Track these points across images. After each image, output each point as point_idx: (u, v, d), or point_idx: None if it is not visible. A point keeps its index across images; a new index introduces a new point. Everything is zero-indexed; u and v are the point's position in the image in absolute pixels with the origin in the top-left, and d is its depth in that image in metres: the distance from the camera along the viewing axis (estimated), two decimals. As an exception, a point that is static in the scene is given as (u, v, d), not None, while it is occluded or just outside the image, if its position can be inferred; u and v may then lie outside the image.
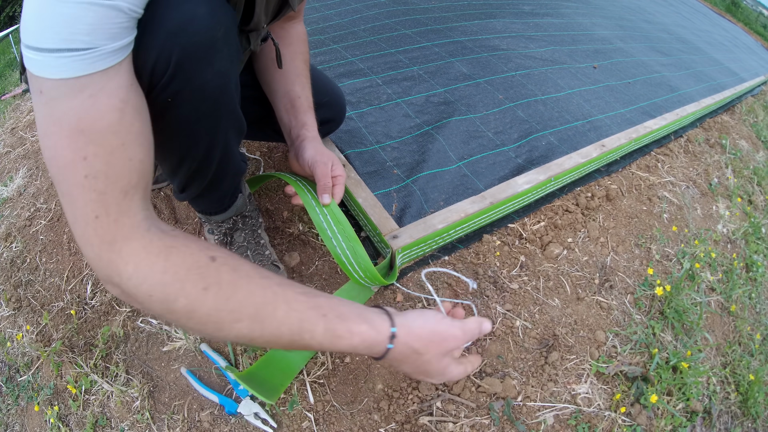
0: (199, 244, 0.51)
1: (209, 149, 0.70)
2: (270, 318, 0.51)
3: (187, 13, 0.52)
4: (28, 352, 1.05)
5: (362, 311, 0.59)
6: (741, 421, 1.09)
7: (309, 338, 0.54)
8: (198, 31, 0.53)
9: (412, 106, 1.45)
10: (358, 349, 0.58)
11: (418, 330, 0.61)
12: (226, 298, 0.49)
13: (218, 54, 0.57)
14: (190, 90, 0.57)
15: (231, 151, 0.77)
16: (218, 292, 0.49)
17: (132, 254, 0.47)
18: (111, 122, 0.45)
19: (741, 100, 2.58)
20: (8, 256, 1.23)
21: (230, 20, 0.58)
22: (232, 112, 0.69)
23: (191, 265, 0.49)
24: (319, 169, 0.85)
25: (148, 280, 0.47)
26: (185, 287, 0.48)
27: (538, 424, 0.86)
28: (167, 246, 0.49)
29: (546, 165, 1.29)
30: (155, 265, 0.47)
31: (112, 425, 0.90)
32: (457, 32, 1.97)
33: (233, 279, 0.50)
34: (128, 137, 0.46)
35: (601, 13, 2.82)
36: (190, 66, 0.54)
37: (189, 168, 0.73)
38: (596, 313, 1.06)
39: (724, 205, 1.64)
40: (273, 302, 0.52)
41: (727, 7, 7.44)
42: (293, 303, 0.53)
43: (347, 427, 0.83)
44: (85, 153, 0.44)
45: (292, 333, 0.53)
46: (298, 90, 0.90)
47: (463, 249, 1.12)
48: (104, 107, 0.44)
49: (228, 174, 0.82)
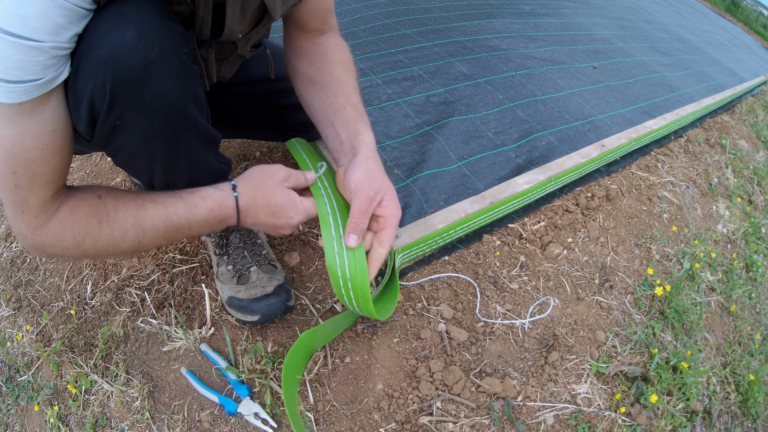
0: (89, 191, 0.65)
1: (173, 163, 0.70)
2: (144, 218, 0.66)
3: (116, 39, 0.54)
4: (28, 352, 1.05)
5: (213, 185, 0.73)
6: (741, 421, 1.09)
7: (176, 219, 0.67)
8: (128, 57, 0.55)
9: (412, 106, 1.45)
10: (215, 210, 0.70)
11: (250, 174, 0.76)
12: (113, 221, 0.64)
13: (154, 75, 0.58)
14: (132, 113, 0.59)
15: (201, 161, 0.75)
16: (107, 220, 0.64)
17: (52, 231, 0.62)
18: (34, 157, 0.56)
19: (741, 100, 2.59)
20: (8, 256, 1.23)
21: (166, 39, 0.58)
22: (191, 125, 0.68)
23: (87, 211, 0.63)
24: (358, 201, 0.73)
25: (65, 238, 0.63)
26: (87, 229, 0.63)
27: (538, 424, 0.86)
28: (71, 208, 0.62)
29: (546, 165, 1.29)
30: (66, 228, 0.62)
31: (112, 425, 0.90)
32: (457, 32, 1.97)
33: (115, 204, 0.65)
34: (46, 168, 0.58)
35: (601, 13, 2.82)
36: (125, 91, 0.56)
37: (160, 182, 0.73)
38: (596, 313, 1.06)
39: (724, 205, 1.64)
40: (143, 205, 0.66)
41: (727, 7, 7.44)
42: (157, 199, 0.67)
43: (347, 426, 0.83)
44: (15, 170, 0.56)
45: (164, 221, 0.67)
46: (342, 101, 0.82)
47: (463, 249, 1.12)
48: (30, 145, 0.55)
49: (204, 182, 0.77)
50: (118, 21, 0.54)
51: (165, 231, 0.68)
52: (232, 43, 0.80)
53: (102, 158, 1.40)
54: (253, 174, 0.76)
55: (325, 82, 0.84)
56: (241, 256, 0.96)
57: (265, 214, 0.74)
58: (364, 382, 0.88)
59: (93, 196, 0.65)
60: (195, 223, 0.69)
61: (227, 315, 0.97)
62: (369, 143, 0.79)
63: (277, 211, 0.75)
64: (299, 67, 0.87)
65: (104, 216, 0.64)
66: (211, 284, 1.02)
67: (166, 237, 0.69)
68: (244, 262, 0.95)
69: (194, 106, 0.67)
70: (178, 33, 0.61)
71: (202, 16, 0.67)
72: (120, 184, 1.29)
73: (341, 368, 0.90)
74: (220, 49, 0.80)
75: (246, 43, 0.84)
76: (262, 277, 0.93)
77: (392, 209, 0.76)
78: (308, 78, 0.86)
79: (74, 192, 0.65)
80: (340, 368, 0.90)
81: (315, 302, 1.00)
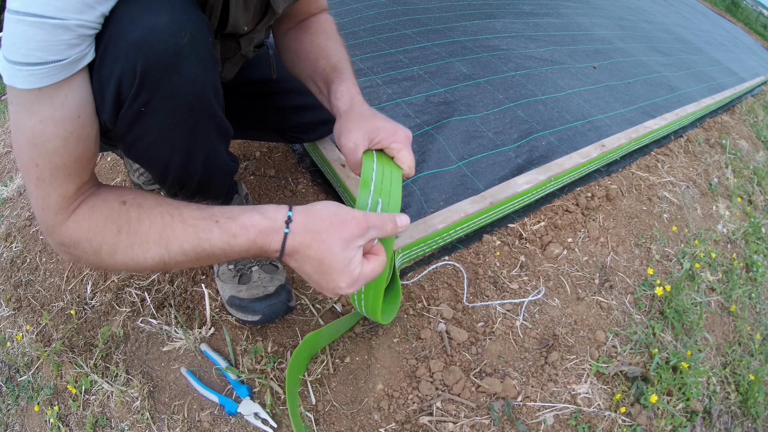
0: (114, 193, 0.60)
1: (191, 155, 0.70)
2: (172, 238, 0.57)
3: (149, 22, 0.53)
4: (28, 352, 1.05)
5: (257, 207, 0.60)
6: (741, 421, 1.09)
7: (209, 247, 0.57)
8: (161, 40, 0.54)
9: (412, 106, 1.45)
10: (257, 242, 0.58)
11: (316, 212, 0.59)
12: (134, 233, 0.57)
13: (185, 60, 0.57)
14: (160, 98, 0.58)
15: (215, 155, 0.76)
16: (128, 230, 0.57)
17: (69, 231, 0.58)
18: (56, 147, 0.53)
19: (741, 100, 2.59)
20: (8, 256, 1.23)
21: (196, 25, 0.58)
22: (212, 116, 0.68)
23: (107, 215, 0.57)
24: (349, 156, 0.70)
25: (82, 242, 0.57)
26: (105, 235, 0.57)
27: (538, 424, 0.86)
28: (90, 208, 0.58)
29: (546, 165, 1.29)
30: (82, 230, 0.57)
31: (112, 425, 0.90)
32: (457, 32, 1.97)
33: (138, 215, 0.57)
34: (69, 160, 0.55)
35: (601, 13, 2.82)
36: (156, 75, 0.55)
37: (174, 174, 0.73)
38: (596, 313, 1.07)
39: (724, 205, 1.64)
40: (171, 224, 0.57)
41: (727, 7, 7.43)
42: (188, 219, 0.58)
43: (347, 426, 0.83)
44: (36, 161, 0.54)
45: (193, 246, 0.57)
46: (323, 63, 0.82)
47: (463, 249, 1.12)
48: (51, 134, 0.52)
49: (216, 177, 0.81)
50: (149, 6, 0.54)
51: (195, 257, 0.58)
52: (236, 43, 0.81)
53: (102, 158, 1.40)
54: (320, 214, 0.59)
55: (308, 51, 0.85)
56: None
57: (311, 268, 0.59)
58: (364, 382, 0.88)
59: (116, 200, 0.59)
60: (233, 253, 0.59)
61: (227, 315, 0.97)
62: (345, 94, 0.76)
63: (326, 272, 0.59)
64: (284, 44, 0.89)
65: (124, 224, 0.57)
66: (211, 284, 1.02)
67: (197, 262, 0.59)
68: (245, 262, 0.95)
69: (214, 97, 0.66)
70: (205, 21, 0.61)
71: (212, 5, 0.67)
72: (120, 184, 1.29)
73: (341, 368, 0.90)
74: (224, 48, 0.81)
75: (249, 43, 0.84)
76: (263, 276, 0.93)
77: (391, 132, 0.70)
78: (294, 52, 0.88)
79: (98, 191, 0.60)
80: (341, 368, 0.90)
81: (315, 302, 1.00)
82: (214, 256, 0.58)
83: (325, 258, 0.58)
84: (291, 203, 0.61)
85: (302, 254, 0.58)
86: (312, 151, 1.26)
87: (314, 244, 0.58)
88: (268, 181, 1.24)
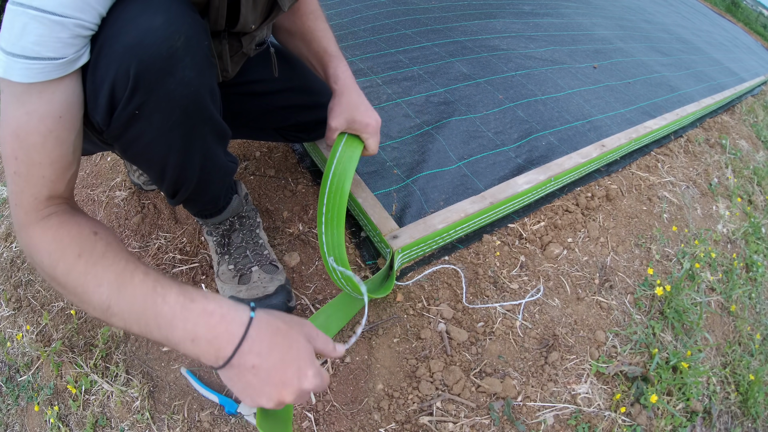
0: (88, 222, 0.59)
1: (187, 156, 0.70)
2: (127, 284, 0.53)
3: (143, 25, 0.53)
4: (28, 352, 1.05)
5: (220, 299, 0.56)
6: (741, 421, 1.09)
7: (161, 302, 0.52)
8: (155, 43, 0.54)
9: (412, 106, 1.45)
10: (214, 316, 0.52)
11: (276, 312, 0.59)
12: (93, 263, 0.54)
13: (180, 63, 0.57)
14: (155, 101, 0.58)
15: (213, 156, 0.76)
16: (88, 259, 0.54)
17: (33, 236, 0.57)
18: (35, 142, 0.54)
19: (741, 100, 2.59)
20: (8, 256, 1.23)
21: (192, 28, 0.58)
22: (208, 119, 0.68)
23: (74, 236, 0.56)
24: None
25: (41, 251, 0.55)
26: (65, 253, 0.55)
27: (538, 424, 0.86)
28: (60, 222, 0.57)
29: (546, 165, 1.29)
30: (45, 240, 0.56)
31: (112, 425, 0.90)
32: (457, 32, 1.97)
33: (105, 251, 0.55)
34: (45, 160, 0.55)
35: (601, 13, 2.82)
36: (150, 77, 0.55)
37: (171, 176, 0.73)
38: (596, 313, 1.07)
39: (724, 205, 1.64)
40: (133, 270, 0.54)
41: (727, 7, 7.43)
42: (151, 272, 0.55)
43: (347, 427, 0.83)
44: (17, 154, 0.54)
45: (144, 297, 0.52)
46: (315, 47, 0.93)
47: (463, 249, 1.12)
48: (33, 128, 0.53)
49: (214, 178, 0.81)
50: (145, 8, 0.54)
51: (141, 309, 0.52)
52: (238, 41, 0.81)
53: (102, 158, 1.40)
54: (279, 314, 0.59)
55: (301, 33, 0.95)
56: (242, 255, 0.96)
57: (276, 357, 0.54)
58: (364, 382, 0.88)
59: (89, 228, 0.57)
60: (179, 318, 0.52)
61: (227, 315, 0.97)
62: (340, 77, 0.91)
63: (292, 363, 0.55)
64: (276, 23, 0.96)
65: (87, 252, 0.54)
66: (211, 284, 1.02)
67: (138, 324, 0.53)
68: (245, 262, 0.95)
69: (211, 100, 0.67)
70: (200, 24, 0.61)
71: (217, 6, 0.67)
72: (120, 184, 1.29)
73: (341, 368, 0.90)
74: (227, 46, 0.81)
75: (251, 41, 0.84)
76: (263, 277, 0.93)
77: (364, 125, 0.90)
78: (286, 31, 0.97)
79: (75, 214, 0.60)
80: (341, 368, 0.90)
81: (315, 302, 1.00)
82: (159, 314, 0.52)
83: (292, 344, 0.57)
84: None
85: (266, 340, 0.55)
86: (312, 151, 1.26)
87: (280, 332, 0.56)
88: (268, 181, 1.24)
